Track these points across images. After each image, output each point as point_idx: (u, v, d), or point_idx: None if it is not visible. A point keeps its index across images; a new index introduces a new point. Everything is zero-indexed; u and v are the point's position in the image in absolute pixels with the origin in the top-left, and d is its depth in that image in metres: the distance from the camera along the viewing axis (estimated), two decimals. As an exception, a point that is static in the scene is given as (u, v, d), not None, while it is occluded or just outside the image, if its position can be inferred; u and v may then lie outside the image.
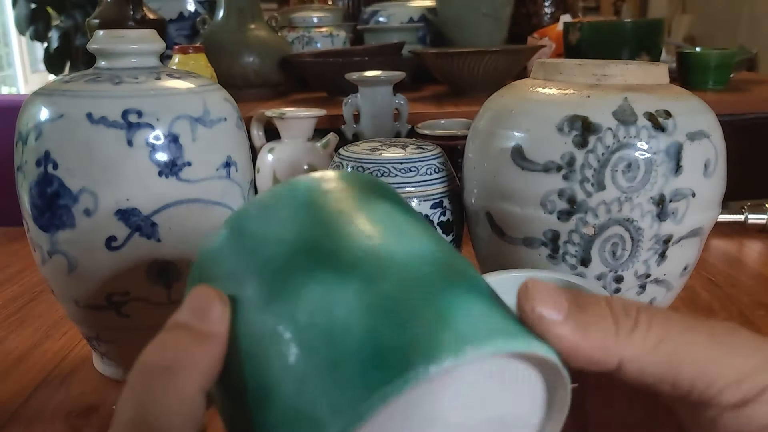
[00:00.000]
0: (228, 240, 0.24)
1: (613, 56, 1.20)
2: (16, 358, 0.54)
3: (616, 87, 0.49)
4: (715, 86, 1.22)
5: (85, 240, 0.43)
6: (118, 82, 0.44)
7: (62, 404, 0.48)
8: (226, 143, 0.46)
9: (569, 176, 0.47)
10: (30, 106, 0.44)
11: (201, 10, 1.47)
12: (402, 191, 0.55)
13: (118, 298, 0.45)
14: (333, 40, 1.52)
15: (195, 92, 0.46)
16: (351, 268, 0.21)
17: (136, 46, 0.46)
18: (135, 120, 0.42)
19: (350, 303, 0.20)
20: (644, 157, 0.46)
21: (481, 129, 0.54)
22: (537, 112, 0.49)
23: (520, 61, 1.23)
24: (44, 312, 0.63)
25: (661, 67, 0.51)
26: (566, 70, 0.51)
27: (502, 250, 0.52)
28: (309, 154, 0.91)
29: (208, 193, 0.45)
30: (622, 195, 0.47)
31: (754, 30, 3.18)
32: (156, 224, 0.43)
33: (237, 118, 0.49)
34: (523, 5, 1.57)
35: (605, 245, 0.48)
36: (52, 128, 0.42)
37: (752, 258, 0.76)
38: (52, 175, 0.42)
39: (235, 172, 0.47)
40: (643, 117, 0.47)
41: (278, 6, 2.08)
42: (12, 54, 4.55)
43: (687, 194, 0.48)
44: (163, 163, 0.43)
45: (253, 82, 1.32)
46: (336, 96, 1.29)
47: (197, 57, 0.96)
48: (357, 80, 0.93)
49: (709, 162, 0.49)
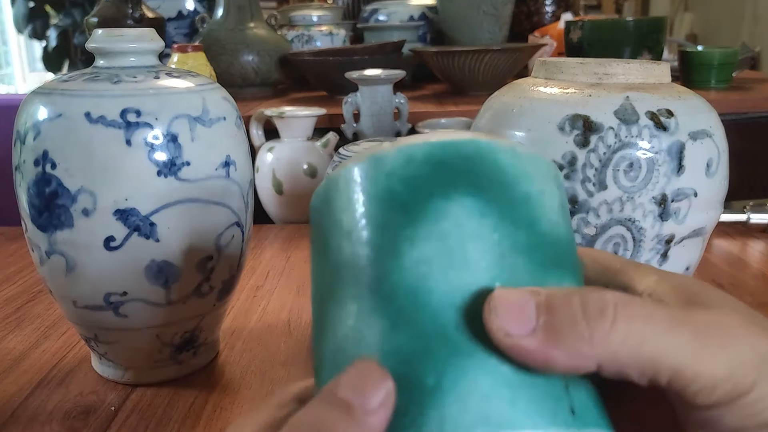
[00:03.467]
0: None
1: (615, 55, 1.20)
2: (14, 358, 0.54)
3: (618, 86, 0.49)
4: (717, 85, 1.22)
5: (83, 240, 0.43)
6: (117, 81, 0.43)
7: (60, 405, 0.47)
8: (225, 142, 0.46)
9: (571, 176, 0.47)
10: (28, 106, 0.44)
11: (200, 9, 1.47)
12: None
13: (116, 298, 0.45)
14: (333, 38, 1.52)
15: (194, 91, 0.45)
16: (386, 301, 0.22)
17: (134, 45, 0.46)
18: (134, 119, 0.42)
19: (374, 339, 0.22)
20: (646, 157, 0.46)
21: (481, 128, 0.53)
22: (538, 112, 0.49)
23: (521, 60, 1.23)
24: (43, 312, 0.63)
25: (663, 66, 0.51)
26: (567, 69, 0.51)
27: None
28: (308, 154, 0.91)
29: (207, 193, 0.45)
30: (624, 195, 0.46)
31: (757, 28, 3.18)
32: (155, 224, 0.43)
33: (236, 117, 0.48)
34: (524, 3, 1.57)
35: (607, 245, 0.48)
36: (51, 128, 0.42)
37: (754, 258, 0.76)
38: (51, 174, 0.42)
39: (234, 172, 0.47)
40: (644, 116, 0.46)
41: (278, 4, 2.08)
42: (10, 53, 4.54)
43: (689, 194, 0.47)
44: (161, 162, 0.43)
45: (253, 80, 1.32)
46: (336, 95, 1.29)
47: (196, 56, 0.95)
48: (357, 79, 0.93)
49: (711, 161, 0.48)
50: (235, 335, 0.57)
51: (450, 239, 0.23)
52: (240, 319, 0.60)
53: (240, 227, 0.48)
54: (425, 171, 0.24)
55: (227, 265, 0.48)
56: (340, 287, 0.24)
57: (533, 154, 0.25)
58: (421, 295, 0.22)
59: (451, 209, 0.23)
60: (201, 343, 0.50)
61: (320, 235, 0.26)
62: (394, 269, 0.23)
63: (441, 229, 0.23)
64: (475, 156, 0.24)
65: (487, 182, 0.24)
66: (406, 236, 0.23)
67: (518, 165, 0.25)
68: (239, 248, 0.49)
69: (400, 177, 0.24)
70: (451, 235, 0.23)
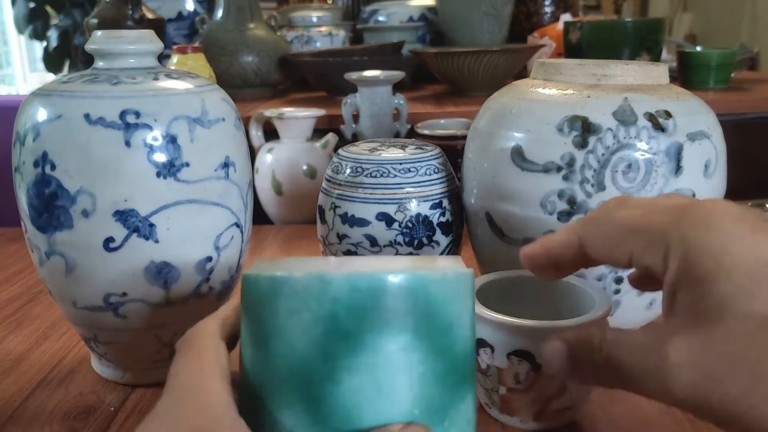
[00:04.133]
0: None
1: (614, 55, 1.20)
2: (14, 359, 0.54)
3: (616, 87, 0.49)
4: (716, 86, 1.22)
5: (82, 241, 0.43)
6: (116, 83, 0.44)
7: (60, 405, 0.47)
8: (225, 144, 0.46)
9: (569, 177, 0.47)
10: (28, 107, 0.44)
11: (200, 10, 1.47)
12: (401, 191, 0.55)
13: (115, 299, 0.45)
14: (332, 39, 1.52)
15: (193, 92, 0.45)
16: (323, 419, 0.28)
17: (134, 47, 0.46)
18: (133, 120, 0.42)
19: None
20: (644, 158, 0.46)
21: (480, 129, 0.53)
22: (537, 113, 0.49)
23: (520, 61, 1.23)
24: (42, 313, 0.63)
25: (662, 67, 0.51)
26: (566, 70, 0.51)
27: (502, 251, 0.52)
28: (308, 154, 0.91)
29: (206, 194, 0.45)
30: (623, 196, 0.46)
31: (756, 29, 3.18)
32: (154, 225, 0.43)
33: (235, 118, 0.49)
34: (524, 4, 1.57)
35: (605, 246, 0.48)
36: (50, 129, 0.42)
37: (752, 258, 0.76)
38: (50, 176, 0.42)
39: (233, 173, 0.47)
40: (643, 117, 0.47)
41: (277, 5, 2.08)
42: (10, 53, 4.54)
43: (687, 195, 0.48)
44: (161, 163, 0.43)
45: (252, 81, 1.32)
46: (335, 96, 1.29)
47: (196, 57, 0.95)
48: (356, 80, 0.93)
49: (710, 162, 0.48)
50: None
51: (381, 372, 0.28)
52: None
53: (239, 228, 0.48)
54: (368, 303, 0.28)
55: (226, 265, 0.48)
56: (279, 389, 0.29)
57: (460, 274, 0.30)
58: (354, 419, 0.28)
59: (386, 345, 0.28)
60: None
61: (260, 326, 0.29)
62: (332, 394, 0.28)
63: (375, 363, 0.28)
64: (411, 288, 0.28)
65: (418, 316, 0.28)
66: (345, 366, 0.28)
67: (446, 292, 0.29)
68: (238, 249, 0.49)
69: (346, 306, 0.28)
70: (383, 368, 0.28)
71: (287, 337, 0.28)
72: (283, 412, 0.29)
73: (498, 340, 0.41)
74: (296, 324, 0.28)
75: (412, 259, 0.34)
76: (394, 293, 0.28)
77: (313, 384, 0.28)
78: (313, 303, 0.28)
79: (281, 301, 0.28)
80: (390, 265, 0.31)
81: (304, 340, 0.28)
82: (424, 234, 0.56)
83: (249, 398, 0.30)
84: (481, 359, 0.43)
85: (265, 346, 0.29)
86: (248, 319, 0.30)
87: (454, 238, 0.58)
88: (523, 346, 0.40)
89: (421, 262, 0.32)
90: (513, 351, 0.41)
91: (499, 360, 0.41)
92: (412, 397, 0.28)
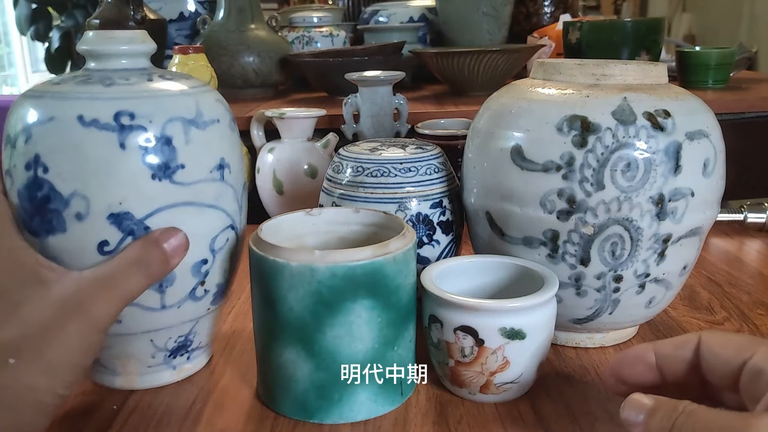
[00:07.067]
0: None
1: (613, 55, 1.19)
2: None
3: (616, 87, 0.48)
4: (714, 85, 1.22)
5: (76, 245, 0.42)
6: (110, 84, 0.43)
7: (61, 405, 0.47)
8: (220, 145, 0.46)
9: (568, 176, 0.47)
10: (18, 108, 0.44)
11: (201, 10, 1.47)
12: (402, 191, 0.55)
13: (111, 302, 0.44)
14: (333, 39, 1.51)
15: (187, 94, 0.45)
16: (314, 355, 0.43)
17: (126, 47, 0.45)
18: (127, 122, 0.42)
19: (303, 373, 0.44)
20: (643, 157, 0.46)
21: (480, 129, 0.53)
22: (536, 112, 0.49)
23: (519, 61, 1.23)
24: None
25: (660, 66, 0.51)
26: (565, 69, 0.51)
27: (502, 250, 0.52)
28: (309, 154, 0.90)
29: (201, 196, 0.45)
30: (622, 195, 0.46)
31: (754, 28, 3.17)
32: (149, 228, 0.43)
33: (230, 119, 0.48)
34: (523, 4, 1.56)
35: (605, 245, 0.48)
36: (42, 131, 0.42)
37: (752, 257, 0.76)
38: (43, 178, 0.41)
39: (228, 174, 0.46)
40: (642, 117, 0.46)
41: (278, 6, 2.08)
42: (13, 54, 4.55)
43: (686, 194, 0.47)
44: (156, 165, 0.42)
45: (253, 81, 1.32)
46: (336, 96, 1.28)
47: (197, 57, 0.95)
48: (357, 80, 0.93)
49: (708, 161, 0.48)
50: (235, 335, 0.57)
51: (354, 325, 0.42)
52: (240, 320, 0.61)
53: (234, 230, 0.48)
54: (342, 283, 0.41)
55: (222, 268, 0.48)
56: (283, 333, 0.43)
57: (404, 252, 0.43)
58: (335, 354, 0.42)
59: (356, 308, 0.42)
60: (195, 347, 0.50)
61: (269, 293, 0.43)
62: (320, 340, 0.42)
63: (348, 320, 0.42)
64: (372, 270, 0.42)
65: (377, 286, 0.42)
66: (328, 323, 0.42)
67: (394, 266, 0.43)
68: (233, 251, 0.48)
69: (327, 286, 0.41)
70: (354, 323, 0.42)
71: (288, 303, 0.42)
72: (287, 349, 0.43)
73: (445, 316, 0.45)
74: (293, 295, 0.42)
75: (372, 248, 0.43)
76: (360, 275, 0.41)
77: (306, 333, 0.42)
78: (305, 283, 0.41)
79: (282, 279, 0.42)
80: (357, 255, 0.41)
81: (299, 306, 0.42)
82: (424, 233, 0.56)
83: (263, 338, 0.45)
84: (433, 334, 0.46)
85: (273, 306, 0.43)
86: (258, 285, 0.44)
87: (455, 237, 0.58)
88: (467, 323, 0.44)
89: (379, 249, 0.42)
90: (459, 326, 0.44)
91: (448, 334, 0.45)
92: (373, 337, 0.43)
